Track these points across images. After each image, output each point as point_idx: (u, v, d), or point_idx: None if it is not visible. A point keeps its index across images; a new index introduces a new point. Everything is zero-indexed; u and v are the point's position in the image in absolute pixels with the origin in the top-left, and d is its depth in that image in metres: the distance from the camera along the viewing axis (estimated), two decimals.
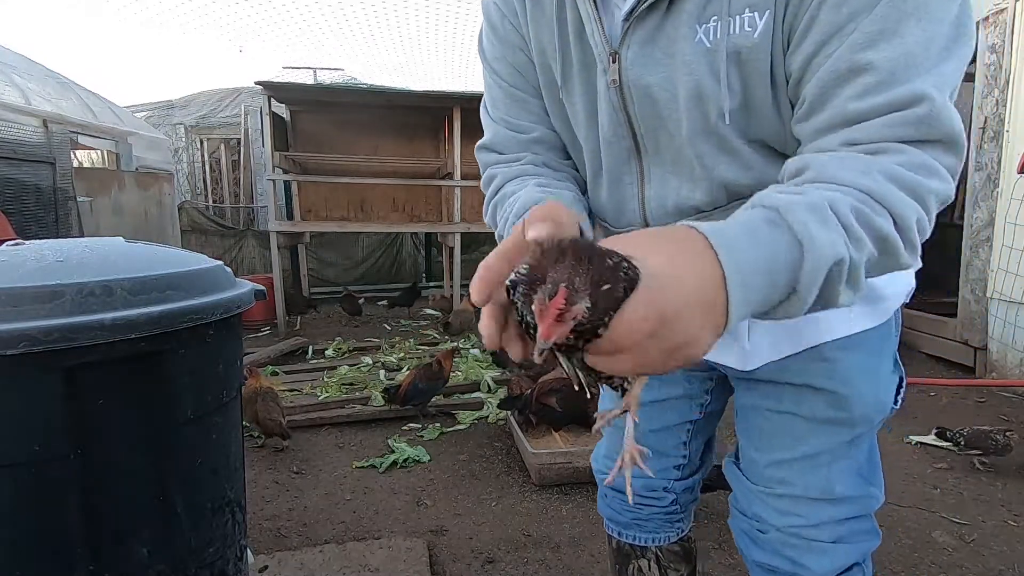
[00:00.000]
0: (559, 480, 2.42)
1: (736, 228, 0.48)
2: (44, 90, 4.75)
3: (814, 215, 0.49)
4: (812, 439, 0.84)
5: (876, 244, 0.52)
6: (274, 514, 2.22)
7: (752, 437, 0.91)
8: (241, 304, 1.10)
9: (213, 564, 1.12)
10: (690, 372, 1.00)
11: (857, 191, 0.52)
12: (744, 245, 0.47)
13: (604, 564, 1.93)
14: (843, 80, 0.56)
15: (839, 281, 0.50)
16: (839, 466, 0.85)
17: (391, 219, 6.47)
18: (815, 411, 0.83)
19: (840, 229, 0.49)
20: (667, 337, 0.42)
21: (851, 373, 0.81)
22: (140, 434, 0.96)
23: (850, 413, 0.82)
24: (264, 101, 4.84)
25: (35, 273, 0.89)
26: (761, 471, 0.89)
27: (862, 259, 0.51)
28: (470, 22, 8.51)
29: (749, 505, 0.92)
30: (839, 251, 0.48)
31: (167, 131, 8.26)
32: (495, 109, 0.86)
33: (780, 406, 0.86)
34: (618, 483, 1.06)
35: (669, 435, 1.05)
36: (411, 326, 5.35)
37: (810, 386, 0.83)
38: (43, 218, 4.15)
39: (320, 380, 3.63)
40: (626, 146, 0.76)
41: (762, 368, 0.85)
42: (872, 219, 0.51)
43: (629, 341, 0.42)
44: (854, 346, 0.81)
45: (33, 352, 0.81)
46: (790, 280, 0.48)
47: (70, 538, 0.91)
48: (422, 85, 11.17)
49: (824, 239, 0.48)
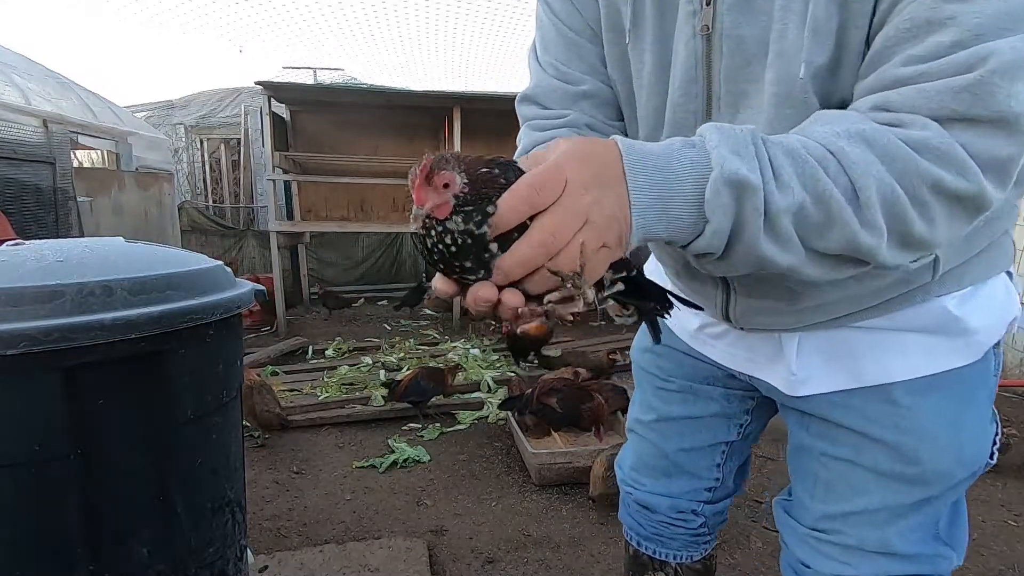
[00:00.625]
0: (559, 480, 2.42)
1: (650, 144, 0.49)
2: (44, 90, 4.74)
3: (728, 143, 0.47)
4: (874, 493, 0.72)
5: (813, 199, 0.47)
6: (274, 514, 2.22)
7: (805, 481, 0.80)
8: (241, 304, 1.10)
9: (213, 564, 1.12)
10: (729, 389, 0.92)
11: (819, 145, 0.48)
12: (650, 148, 0.48)
13: (604, 564, 1.93)
14: (911, 35, 0.48)
15: (755, 214, 0.46)
16: (905, 524, 0.72)
17: (391, 219, 6.46)
18: (877, 463, 0.71)
19: (755, 162, 0.46)
20: (566, 193, 0.43)
21: (926, 423, 0.68)
22: (140, 434, 0.96)
23: (921, 469, 0.69)
24: (264, 101, 4.84)
25: (35, 273, 0.89)
26: (813, 519, 0.79)
27: (785, 205, 0.46)
28: (470, 22, 8.51)
29: (795, 548, 0.82)
30: (746, 175, 0.45)
31: (167, 131, 8.26)
32: (545, 52, 0.76)
33: (836, 451, 0.74)
34: (644, 498, 1.01)
35: (702, 455, 0.97)
36: (411, 326, 5.35)
37: (868, 436, 0.71)
38: (43, 218, 4.15)
39: (320, 380, 3.63)
40: (694, 108, 0.65)
41: (815, 400, 0.74)
42: (815, 172, 0.47)
43: (522, 206, 0.43)
44: (934, 389, 0.68)
45: (33, 352, 0.81)
46: (696, 191, 0.47)
47: (70, 538, 0.91)
48: (422, 85, 11.17)
49: (732, 161, 0.46)
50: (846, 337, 0.72)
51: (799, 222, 0.47)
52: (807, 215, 0.47)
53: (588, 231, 0.44)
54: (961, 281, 0.67)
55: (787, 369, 0.75)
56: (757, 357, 0.81)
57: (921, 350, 0.68)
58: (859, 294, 0.67)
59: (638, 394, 1.05)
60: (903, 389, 0.69)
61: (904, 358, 0.68)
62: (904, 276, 0.65)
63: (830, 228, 0.47)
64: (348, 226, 5.85)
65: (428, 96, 5.31)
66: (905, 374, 0.68)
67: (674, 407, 0.97)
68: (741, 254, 0.49)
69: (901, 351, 0.69)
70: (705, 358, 0.91)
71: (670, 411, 0.97)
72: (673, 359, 0.95)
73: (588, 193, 0.44)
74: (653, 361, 0.99)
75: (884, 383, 0.69)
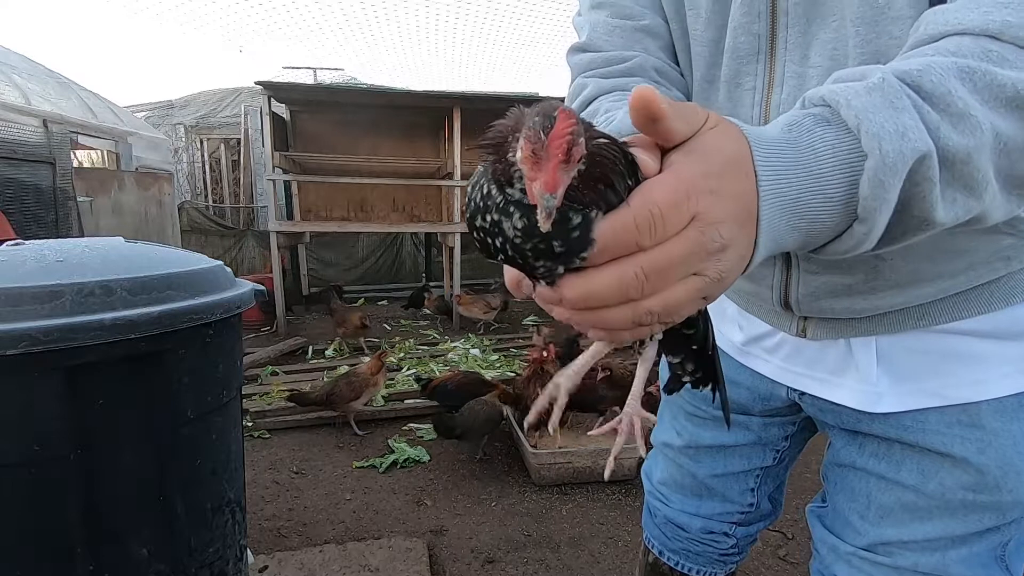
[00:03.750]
0: (559, 480, 2.42)
1: (778, 133, 0.38)
2: (44, 90, 4.74)
3: (875, 97, 0.35)
4: (938, 520, 0.63)
5: (1010, 113, 0.36)
6: (274, 514, 2.22)
7: (855, 502, 0.71)
8: (241, 304, 1.10)
9: (213, 564, 1.12)
10: (768, 417, 0.85)
11: (975, 36, 0.37)
12: (773, 135, 0.37)
13: (604, 564, 1.93)
14: None
15: (929, 185, 0.36)
16: (967, 550, 0.64)
17: (391, 219, 6.47)
18: (946, 490, 0.62)
19: (914, 113, 0.35)
20: (699, 215, 0.32)
21: (1013, 449, 0.59)
22: (140, 434, 0.96)
23: (998, 499, 0.60)
24: (264, 101, 4.84)
25: (35, 273, 0.89)
26: (865, 542, 0.70)
27: (973, 143, 0.36)
28: (470, 22, 8.51)
29: (832, 564, 0.73)
30: (914, 145, 0.35)
31: (167, 131, 8.25)
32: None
33: (899, 475, 0.65)
34: (674, 516, 0.96)
35: (735, 480, 0.90)
36: (411, 326, 5.35)
37: (949, 455, 0.61)
38: (43, 218, 4.15)
39: (320, 380, 3.63)
40: (756, 32, 0.57)
41: (880, 419, 0.66)
42: (996, 76, 0.36)
43: (628, 239, 0.32)
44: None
45: (33, 352, 0.81)
46: (844, 188, 0.36)
47: (70, 538, 0.91)
48: (422, 85, 11.18)
49: (890, 135, 0.35)
50: (928, 344, 0.62)
51: (995, 154, 0.37)
52: (1004, 139, 0.37)
53: (697, 282, 0.34)
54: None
55: (860, 381, 0.66)
56: (817, 372, 0.71)
57: (1014, 361, 0.59)
58: (948, 270, 0.57)
59: (666, 415, 0.97)
60: (992, 409, 0.59)
61: (995, 371, 0.59)
62: (1005, 251, 0.56)
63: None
64: (348, 226, 5.85)
65: (428, 96, 5.30)
66: (996, 391, 0.59)
67: (706, 434, 0.90)
68: (909, 233, 0.39)
69: (994, 363, 0.59)
70: (746, 381, 0.82)
71: (702, 439, 0.90)
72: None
73: (718, 230, 0.34)
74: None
75: (971, 402, 0.60)
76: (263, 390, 3.42)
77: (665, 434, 0.97)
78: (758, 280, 0.68)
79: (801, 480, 2.40)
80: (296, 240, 6.20)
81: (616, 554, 1.99)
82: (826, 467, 0.77)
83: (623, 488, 2.41)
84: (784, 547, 2.03)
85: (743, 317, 0.80)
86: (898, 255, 0.57)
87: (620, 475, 2.42)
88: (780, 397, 0.79)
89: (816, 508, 0.80)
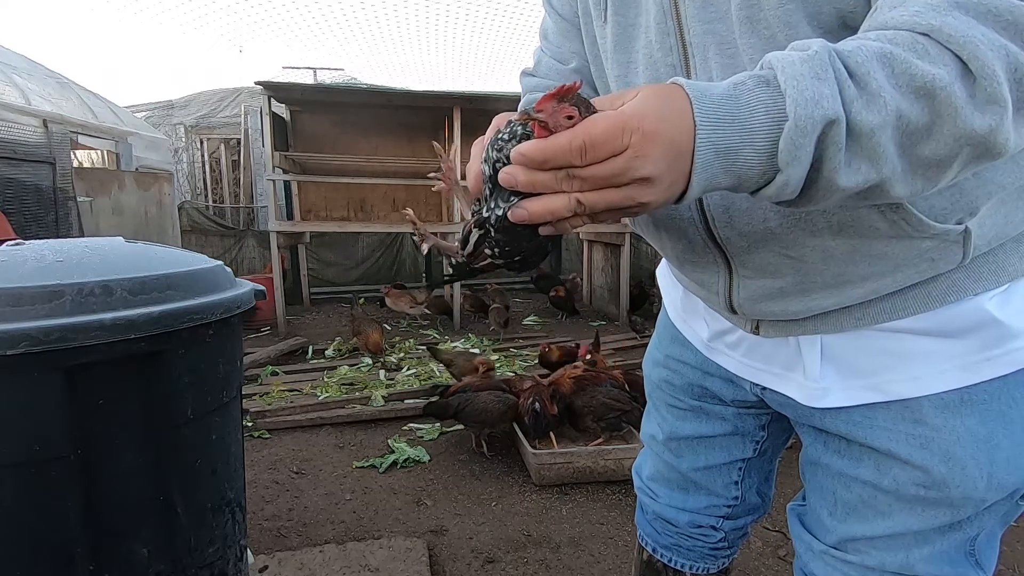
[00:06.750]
0: (559, 480, 2.42)
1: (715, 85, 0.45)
2: (44, 90, 4.74)
3: (805, 67, 0.41)
4: (897, 516, 0.66)
5: (917, 100, 0.41)
6: (274, 514, 2.22)
7: (823, 499, 0.75)
8: (241, 304, 1.10)
9: (213, 564, 1.12)
10: (740, 408, 0.89)
11: (908, 32, 0.42)
12: (718, 91, 0.44)
13: (604, 564, 1.93)
14: None
15: (836, 150, 0.42)
16: (930, 548, 0.66)
17: (391, 219, 6.46)
18: (900, 486, 0.65)
19: (835, 85, 0.41)
20: (632, 144, 0.42)
21: (956, 445, 0.61)
22: (140, 434, 0.96)
23: (948, 495, 0.62)
24: (264, 101, 4.84)
25: (35, 273, 0.89)
26: (833, 539, 0.74)
27: (878, 121, 0.41)
28: (470, 22, 8.52)
29: (809, 561, 0.77)
30: (825, 113, 0.40)
31: (167, 131, 8.25)
32: (546, 41, 0.86)
33: (857, 472, 0.68)
34: (662, 511, 1.00)
35: (717, 474, 0.94)
36: (411, 326, 5.35)
37: (892, 457, 0.64)
38: (43, 218, 4.15)
39: (320, 380, 3.63)
40: (672, 64, 0.63)
41: (834, 416, 0.69)
42: (911, 65, 0.40)
43: (588, 133, 0.43)
44: (967, 404, 0.61)
45: (33, 352, 0.81)
46: (768, 142, 0.43)
47: (70, 538, 0.91)
48: (422, 85, 11.18)
49: (807, 102, 0.40)
50: (870, 343, 0.65)
51: (897, 133, 0.42)
52: (906, 121, 0.41)
53: (623, 195, 0.45)
54: (999, 273, 0.59)
55: (806, 377, 0.69)
56: (773, 367, 0.76)
57: (954, 358, 0.60)
58: (873, 272, 0.60)
59: (651, 408, 1.02)
60: (932, 405, 0.62)
61: (935, 367, 0.61)
62: (927, 253, 0.57)
63: (939, 124, 0.41)
64: (348, 226, 5.85)
65: (428, 96, 5.30)
66: (936, 387, 0.61)
67: (685, 425, 0.94)
68: (821, 190, 0.45)
69: (934, 360, 0.61)
70: (717, 371, 0.87)
71: (681, 430, 0.95)
72: (682, 376, 0.92)
73: (655, 170, 0.44)
74: (664, 377, 0.96)
75: (912, 397, 0.62)
76: (263, 390, 3.42)
77: (650, 427, 1.02)
78: (707, 286, 0.73)
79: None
80: (296, 240, 6.20)
81: (616, 554, 1.99)
82: (801, 464, 0.81)
83: (623, 488, 2.41)
84: (784, 547, 2.03)
85: (708, 314, 0.84)
86: (818, 259, 0.61)
87: (620, 475, 2.43)
88: (745, 391, 0.83)
89: (796, 507, 0.83)
